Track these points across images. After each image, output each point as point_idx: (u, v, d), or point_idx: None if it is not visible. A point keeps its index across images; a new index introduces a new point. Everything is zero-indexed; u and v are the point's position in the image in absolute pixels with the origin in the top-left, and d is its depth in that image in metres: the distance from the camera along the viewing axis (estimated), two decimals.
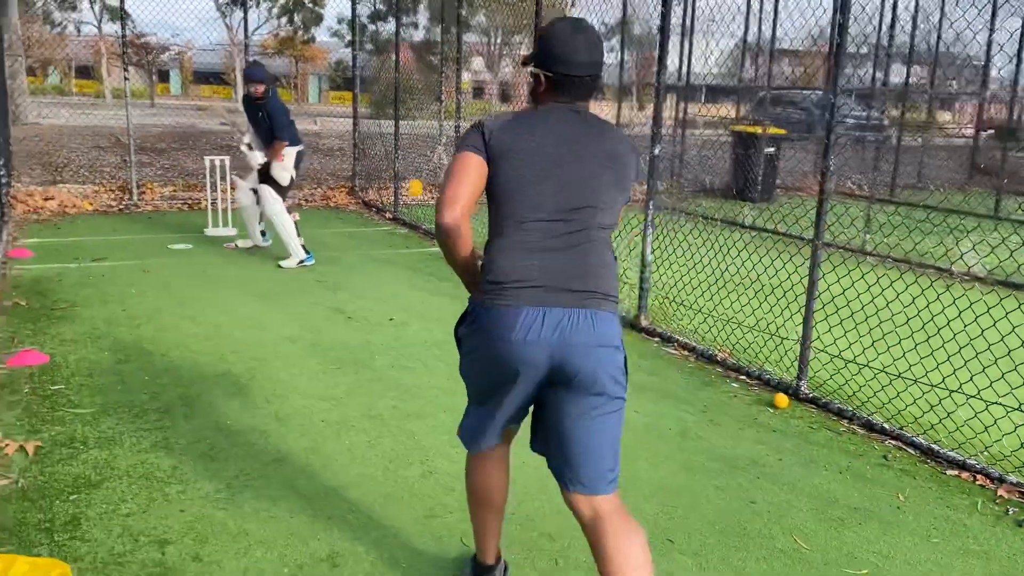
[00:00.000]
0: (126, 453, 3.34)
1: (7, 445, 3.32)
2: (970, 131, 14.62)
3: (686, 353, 4.91)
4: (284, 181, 6.82)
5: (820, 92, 13.82)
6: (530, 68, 2.19)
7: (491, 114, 2.26)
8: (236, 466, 3.27)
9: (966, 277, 6.92)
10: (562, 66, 2.12)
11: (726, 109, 13.83)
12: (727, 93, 13.64)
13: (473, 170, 2.08)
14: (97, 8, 36.42)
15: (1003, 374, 3.81)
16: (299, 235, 6.86)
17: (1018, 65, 11.94)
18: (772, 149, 11.19)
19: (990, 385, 3.77)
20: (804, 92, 16.38)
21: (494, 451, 2.37)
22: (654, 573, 2.07)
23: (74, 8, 34.61)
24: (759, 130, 10.76)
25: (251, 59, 7.01)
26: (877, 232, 8.29)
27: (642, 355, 4.86)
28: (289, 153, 6.79)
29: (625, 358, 2.13)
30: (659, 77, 5.01)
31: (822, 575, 2.68)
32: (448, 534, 2.84)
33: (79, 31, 38.91)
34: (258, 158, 6.83)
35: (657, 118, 5.07)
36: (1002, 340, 4.04)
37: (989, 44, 11.76)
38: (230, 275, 6.44)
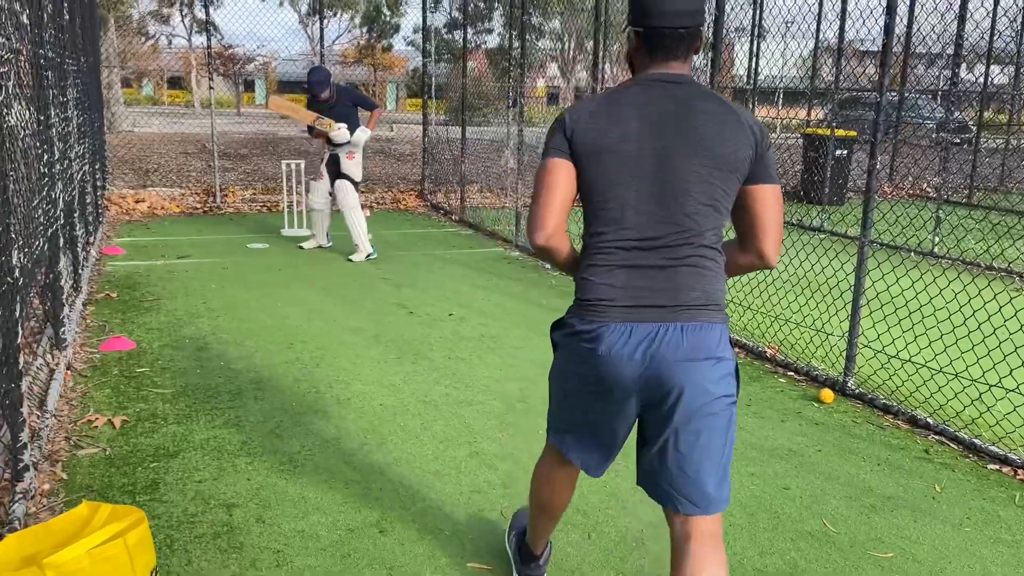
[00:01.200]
0: (201, 429, 3.64)
1: (96, 419, 3.67)
2: None
3: (736, 350, 4.99)
4: (358, 176, 7.24)
5: (894, 94, 13.52)
6: (627, 29, 1.97)
7: (574, 104, 2.02)
8: (299, 442, 3.53)
9: None
10: (652, 18, 1.89)
11: (795, 112, 13.68)
12: (805, 96, 13.47)
13: (561, 180, 1.92)
14: (188, 21, 38.07)
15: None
16: (368, 232, 7.23)
17: None
18: (843, 151, 11.05)
19: None
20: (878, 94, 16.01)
21: (568, 469, 2.24)
22: None
23: (167, 22, 36.29)
24: (828, 132, 10.64)
25: (315, 67, 7.36)
26: (950, 234, 8.15)
27: None
28: (359, 148, 7.17)
29: (735, 366, 1.95)
30: (713, 80, 5.11)
31: (847, 556, 2.76)
32: (490, 508, 3.03)
33: (171, 43, 40.73)
34: (345, 134, 7.13)
35: None
36: None
37: None
38: (302, 272, 6.79)
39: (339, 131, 7.06)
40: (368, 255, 7.25)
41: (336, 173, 7.27)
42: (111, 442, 3.46)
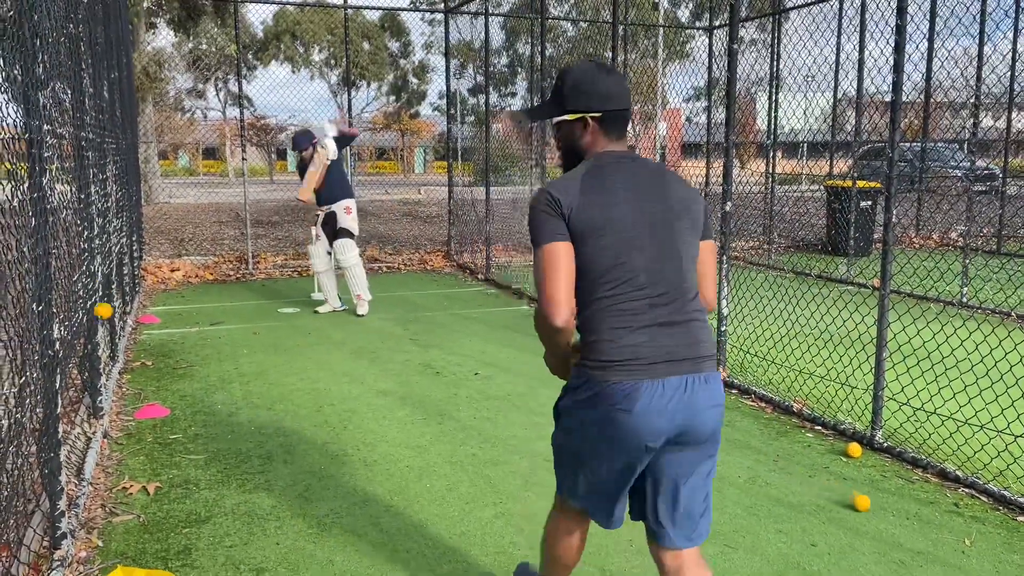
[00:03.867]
0: (232, 493, 3.71)
1: (131, 486, 3.76)
2: None
3: (763, 405, 4.98)
4: (356, 230, 7.69)
5: (918, 145, 13.56)
6: (568, 117, 2.13)
7: (553, 183, 2.10)
8: (327, 505, 3.58)
9: None
10: (609, 103, 2.09)
11: (817, 165, 13.74)
12: (831, 148, 13.56)
13: (564, 262, 2.01)
14: (222, 95, 39.37)
15: None
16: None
17: None
18: (867, 203, 11.07)
19: None
20: (904, 145, 16.08)
21: (583, 524, 2.34)
22: None
23: (201, 96, 37.55)
24: (848, 184, 10.69)
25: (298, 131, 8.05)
26: (982, 287, 8.09)
27: None
28: (352, 204, 7.63)
29: None
30: (727, 137, 5.21)
31: None
32: (513, 568, 3.04)
33: (205, 116, 42.07)
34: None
35: (727, 175, 5.25)
36: None
37: None
38: (331, 336, 6.92)
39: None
40: (368, 301, 7.75)
41: (333, 232, 7.59)
42: (145, 509, 3.54)
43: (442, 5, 12.30)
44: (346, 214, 7.60)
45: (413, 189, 23.78)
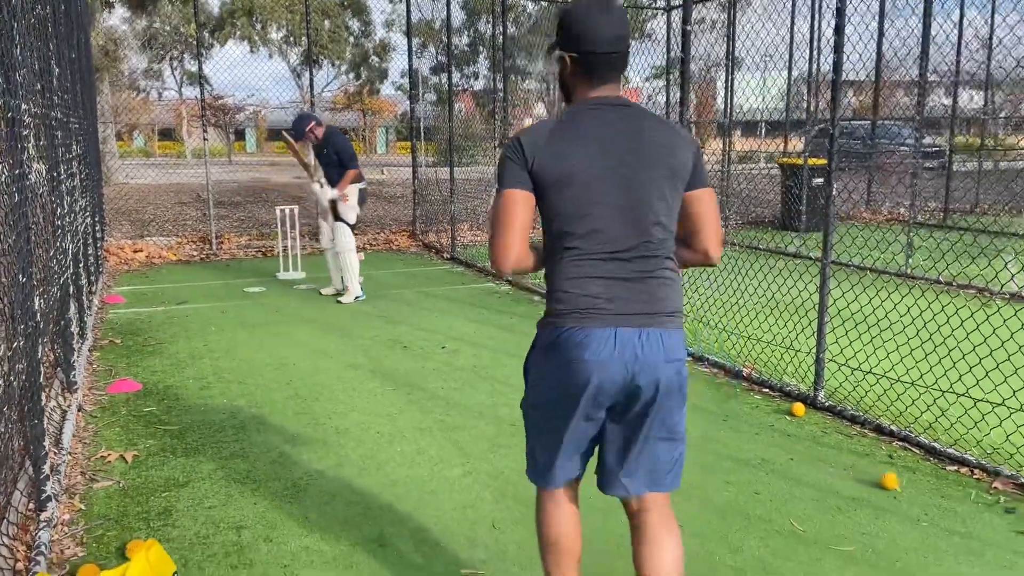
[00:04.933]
0: (208, 460, 3.86)
1: (109, 455, 3.89)
2: None
3: (715, 370, 5.24)
4: (352, 219, 7.45)
5: (868, 122, 13.96)
6: (555, 53, 2.10)
7: (526, 130, 2.09)
8: (301, 469, 3.75)
9: (1007, 296, 7.04)
10: (587, 43, 2.03)
11: (774, 143, 14.07)
12: (786, 127, 13.89)
13: (520, 211, 2.03)
14: (178, 74, 38.74)
15: (986, 374, 4.05)
16: (360, 275, 7.47)
17: None
18: (819, 180, 11.40)
19: (995, 387, 4.01)
20: (855, 123, 16.49)
21: (564, 493, 2.27)
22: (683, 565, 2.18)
23: (158, 76, 36.93)
24: (800, 162, 11.01)
25: (300, 113, 7.74)
26: (929, 257, 8.46)
27: None
28: (352, 190, 7.40)
29: (686, 368, 2.15)
30: (681, 116, 5.42)
31: (811, 551, 2.99)
32: (482, 520, 3.25)
33: (160, 96, 41.36)
34: (329, 194, 7.43)
35: None
36: (1002, 346, 4.28)
37: None
38: (299, 313, 7.04)
39: (320, 188, 7.41)
40: (357, 297, 7.48)
41: (336, 214, 7.52)
42: (124, 475, 3.68)
43: None
44: (343, 202, 7.45)
45: (376, 169, 23.74)
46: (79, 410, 4.42)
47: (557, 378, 2.09)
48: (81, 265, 5.85)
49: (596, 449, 2.24)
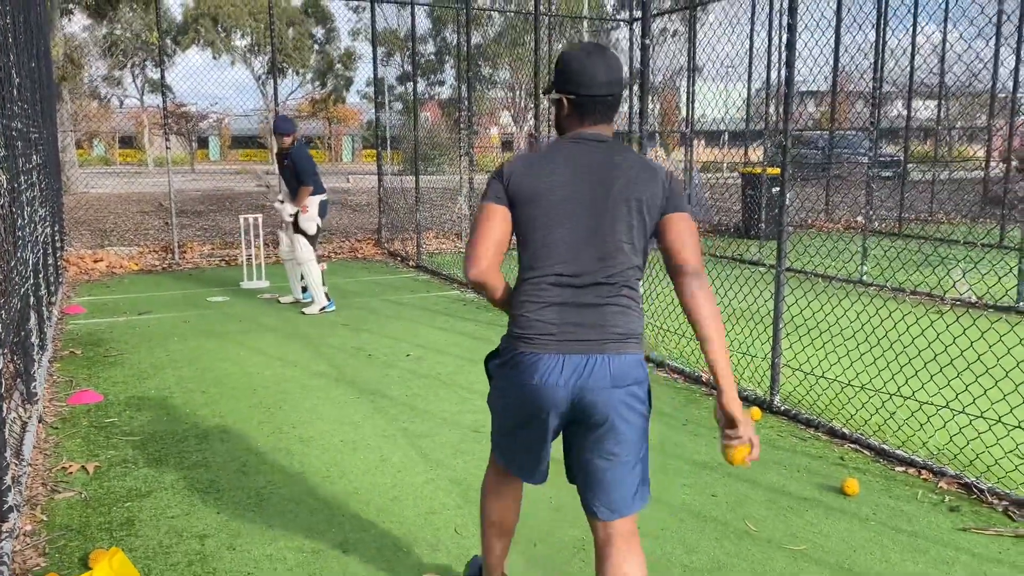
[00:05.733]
0: (171, 470, 3.86)
1: (70, 466, 3.87)
2: (995, 164, 14.87)
3: (676, 376, 5.35)
4: (311, 230, 7.44)
5: (827, 133, 14.27)
6: (551, 95, 2.24)
7: (515, 154, 2.28)
8: (265, 478, 3.77)
9: (957, 303, 7.26)
10: (583, 88, 2.17)
11: (738, 153, 14.32)
12: (751, 137, 14.14)
13: (497, 222, 2.15)
14: (139, 82, 38.30)
15: (930, 377, 4.20)
16: (324, 284, 7.47)
17: None
18: (778, 189, 11.64)
19: (939, 390, 4.16)
20: (816, 133, 16.84)
21: (512, 482, 2.46)
22: None
23: (118, 84, 36.47)
24: (759, 171, 11.24)
25: (281, 115, 7.75)
26: (877, 265, 8.67)
27: None
28: (313, 201, 7.40)
29: (648, 389, 2.20)
30: (641, 127, 5.54)
31: (764, 550, 3.09)
32: (445, 526, 3.30)
33: (122, 104, 40.85)
34: (289, 210, 7.45)
35: None
36: (960, 353, 4.44)
37: (1016, 74, 11.73)
38: (263, 322, 7.03)
39: (281, 204, 7.47)
40: (323, 308, 7.47)
41: (295, 226, 7.54)
42: (86, 486, 3.67)
43: None
44: (302, 213, 7.47)
45: (342, 178, 23.67)
46: (40, 421, 4.39)
47: (511, 396, 2.23)
48: (41, 276, 5.80)
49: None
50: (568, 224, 2.13)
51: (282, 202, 7.57)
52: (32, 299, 4.92)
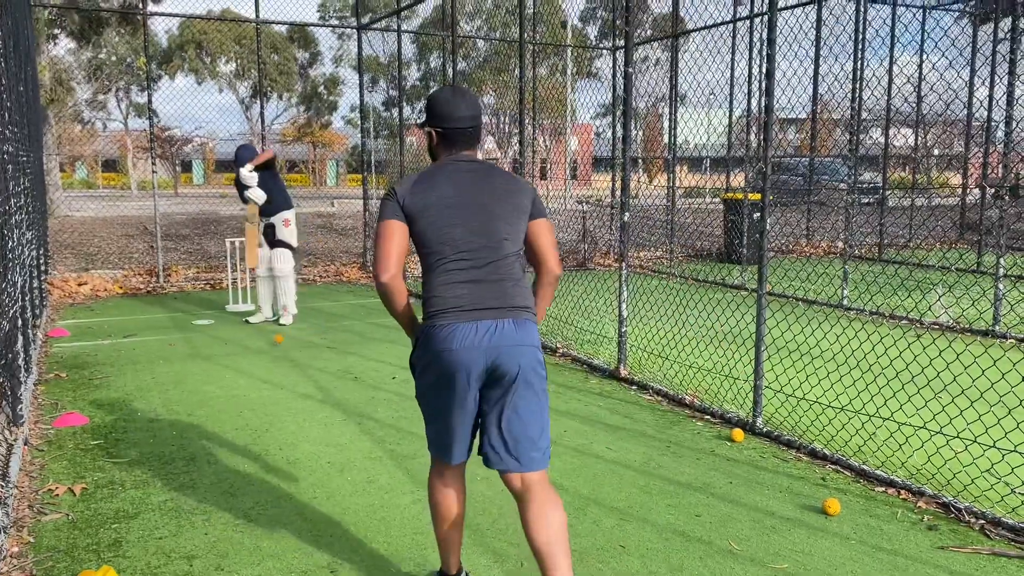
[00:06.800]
0: (158, 492, 3.87)
1: (57, 488, 3.87)
2: (974, 190, 15.14)
3: (659, 398, 5.41)
4: (294, 243, 7.84)
5: (807, 159, 14.49)
6: (424, 128, 2.72)
7: (399, 180, 2.70)
8: (252, 499, 3.78)
9: (934, 326, 7.39)
10: (448, 121, 2.65)
11: (720, 179, 14.50)
12: (733, 163, 14.33)
13: (396, 234, 2.55)
14: (124, 106, 38.29)
15: (908, 398, 4.28)
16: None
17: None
18: (758, 214, 11.79)
19: (916, 411, 4.24)
20: (796, 159, 17.08)
21: (453, 470, 2.74)
22: (568, 539, 2.52)
23: (103, 107, 36.44)
24: (741, 196, 11.40)
25: (245, 144, 8.03)
26: (856, 289, 8.80)
27: (621, 401, 5.36)
28: (292, 216, 7.76)
29: (542, 355, 2.62)
30: (624, 152, 5.64)
31: (748, 570, 3.13)
32: (432, 547, 3.32)
33: (106, 127, 40.77)
34: (248, 168, 7.57)
35: (625, 188, 5.68)
36: (937, 375, 4.53)
37: (990, 102, 11.90)
38: (249, 345, 7.04)
39: (256, 196, 7.61)
40: (294, 315, 7.91)
41: (272, 242, 7.70)
42: (73, 508, 3.67)
43: (354, 21, 12.50)
44: (284, 226, 7.73)
45: (326, 202, 23.71)
46: (25, 444, 4.38)
47: (434, 368, 2.55)
48: (27, 298, 5.80)
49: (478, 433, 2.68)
50: (460, 224, 2.56)
51: (253, 223, 7.74)
52: (19, 321, 4.93)
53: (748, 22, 12.41)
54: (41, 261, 8.54)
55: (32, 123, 7.87)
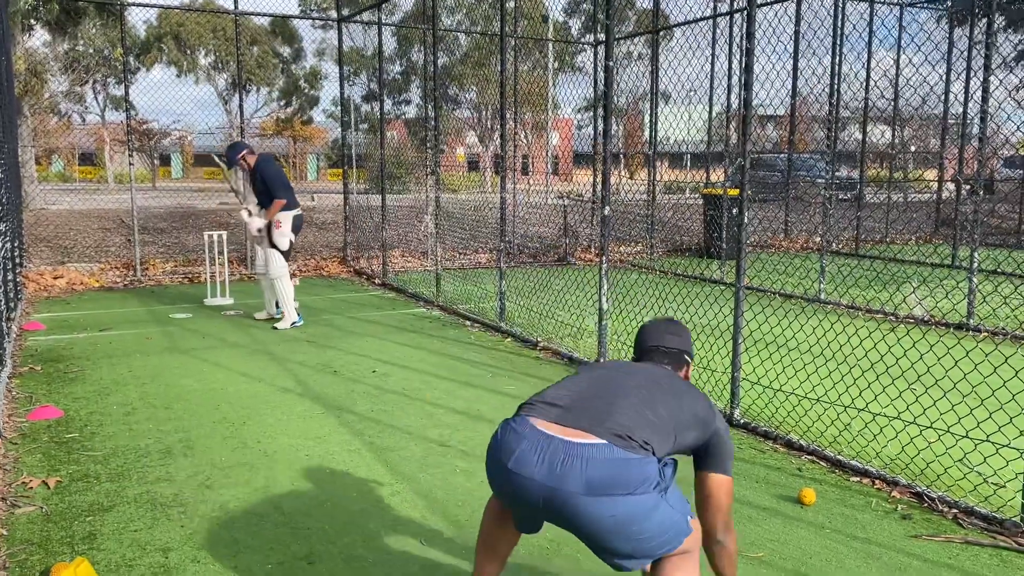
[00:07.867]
0: (134, 485, 3.84)
1: (30, 481, 3.83)
2: (949, 185, 15.30)
3: None
4: (284, 246, 7.48)
5: (784, 155, 14.59)
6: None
7: None
8: (230, 492, 3.76)
9: (909, 320, 7.47)
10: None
11: (700, 174, 14.57)
12: (714, 159, 14.40)
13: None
14: (101, 98, 37.84)
15: (883, 389, 4.33)
16: (295, 300, 7.50)
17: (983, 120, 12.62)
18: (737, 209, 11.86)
19: (891, 402, 4.29)
20: (776, 155, 17.20)
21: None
22: None
23: (80, 100, 36.00)
24: (720, 192, 11.46)
25: (237, 142, 7.80)
26: (832, 281, 8.88)
27: None
28: (286, 218, 7.44)
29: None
30: (605, 147, 5.65)
31: None
32: (412, 537, 3.32)
33: (83, 120, 40.27)
34: (257, 223, 7.46)
35: (605, 182, 5.69)
36: (911, 366, 4.58)
37: (965, 98, 11.99)
38: (227, 339, 6.99)
39: (248, 216, 7.47)
40: (294, 323, 7.47)
41: (269, 242, 7.56)
42: (47, 501, 3.63)
43: (334, 13, 12.44)
44: (275, 228, 7.46)
45: (307, 196, 23.58)
46: None
47: None
48: (2, 291, 5.73)
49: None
50: None
51: (250, 214, 7.58)
52: None
53: (728, 17, 12.46)
54: (16, 254, 8.43)
55: (6, 114, 7.76)
